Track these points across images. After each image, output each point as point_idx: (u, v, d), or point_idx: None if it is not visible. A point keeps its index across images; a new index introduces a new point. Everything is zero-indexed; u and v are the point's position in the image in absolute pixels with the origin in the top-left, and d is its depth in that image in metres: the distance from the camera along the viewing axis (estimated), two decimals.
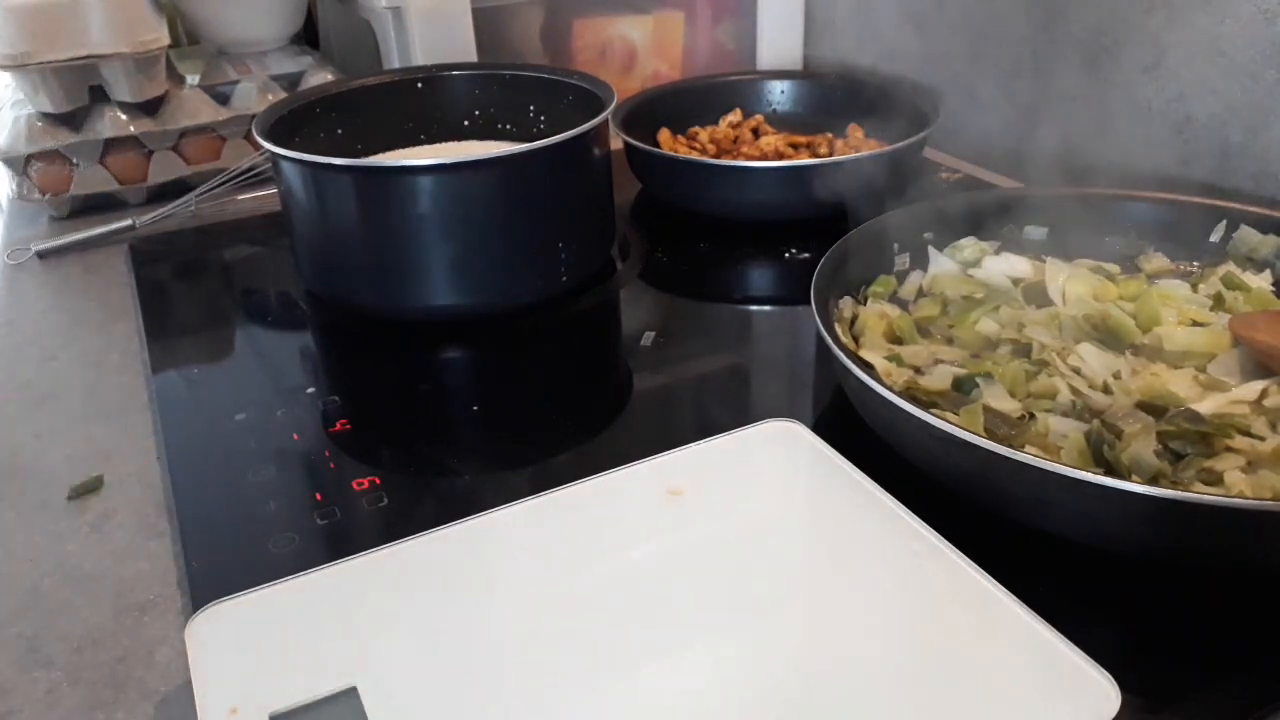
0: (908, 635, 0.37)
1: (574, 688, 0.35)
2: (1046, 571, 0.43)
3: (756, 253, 0.76)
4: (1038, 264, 0.63)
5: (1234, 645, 0.40)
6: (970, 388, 0.51)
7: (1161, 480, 0.44)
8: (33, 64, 0.80)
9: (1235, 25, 0.69)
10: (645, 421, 0.56)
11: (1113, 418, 0.47)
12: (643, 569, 0.40)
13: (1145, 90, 0.76)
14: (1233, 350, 0.53)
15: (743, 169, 0.75)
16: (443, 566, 0.41)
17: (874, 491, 0.43)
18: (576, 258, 0.67)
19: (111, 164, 0.86)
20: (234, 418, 0.57)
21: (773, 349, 0.65)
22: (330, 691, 0.35)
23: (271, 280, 0.75)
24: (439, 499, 0.51)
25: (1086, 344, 0.54)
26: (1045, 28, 0.83)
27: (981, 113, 0.91)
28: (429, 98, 0.79)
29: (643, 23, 1.02)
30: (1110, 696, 0.33)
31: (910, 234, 0.64)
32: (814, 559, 0.41)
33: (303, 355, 0.65)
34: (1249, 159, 0.70)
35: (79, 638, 0.43)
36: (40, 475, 0.54)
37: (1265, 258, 0.60)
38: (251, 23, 0.99)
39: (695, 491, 0.44)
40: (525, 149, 0.61)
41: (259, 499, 0.50)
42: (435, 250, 0.62)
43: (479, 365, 0.64)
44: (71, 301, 0.73)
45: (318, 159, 0.60)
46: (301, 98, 0.73)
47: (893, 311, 0.59)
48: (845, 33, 1.05)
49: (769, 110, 0.94)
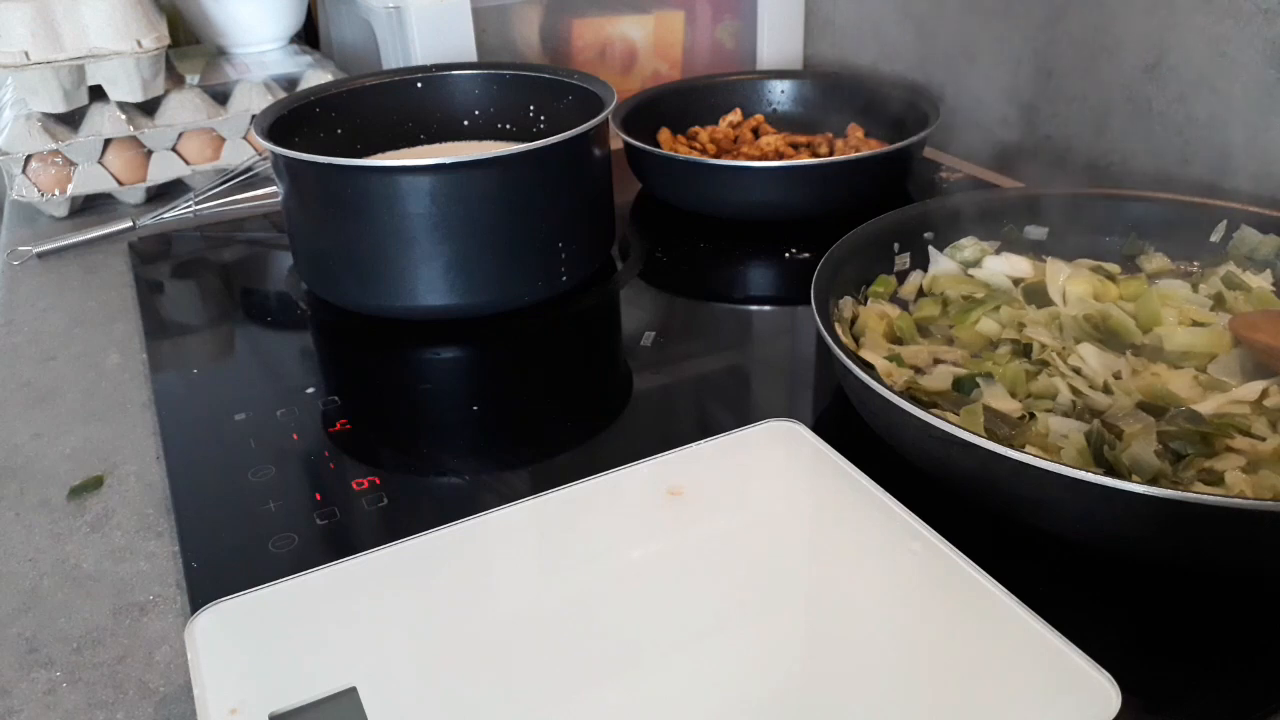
0: (908, 635, 0.37)
1: (573, 687, 0.35)
2: (1046, 571, 0.43)
3: (756, 253, 0.76)
4: (1038, 264, 0.63)
5: (1234, 645, 0.40)
6: (970, 388, 0.51)
7: (1162, 480, 0.44)
8: (32, 64, 0.80)
9: (1235, 25, 0.69)
10: (645, 421, 0.56)
11: (1113, 418, 0.47)
12: (643, 569, 0.40)
13: (1145, 90, 0.76)
14: (1233, 350, 0.53)
15: (743, 169, 0.75)
16: (443, 566, 0.41)
17: (874, 491, 0.43)
18: (576, 258, 0.67)
19: (111, 164, 0.86)
20: (234, 418, 0.57)
21: (773, 349, 0.65)
22: (330, 691, 0.35)
23: (271, 280, 0.75)
24: (439, 499, 0.51)
25: (1087, 344, 0.54)
26: (1045, 27, 0.83)
27: (981, 113, 0.91)
28: (429, 98, 0.79)
29: (643, 23, 1.02)
30: (1110, 696, 0.33)
31: (910, 234, 0.64)
32: (814, 559, 0.41)
33: (303, 355, 0.65)
34: (1249, 159, 0.70)
35: (79, 638, 0.43)
36: (40, 475, 0.54)
37: (1265, 258, 0.60)
38: (251, 23, 0.99)
39: (695, 491, 0.44)
40: (525, 149, 0.61)
41: (259, 499, 0.50)
42: (435, 250, 0.62)
43: (479, 365, 0.64)
44: (71, 301, 0.73)
45: (318, 159, 0.60)
46: (301, 98, 0.73)
47: (893, 311, 0.59)
48: (845, 33, 1.05)
49: (769, 110, 0.94)
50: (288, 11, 1.01)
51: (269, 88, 0.90)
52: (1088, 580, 0.43)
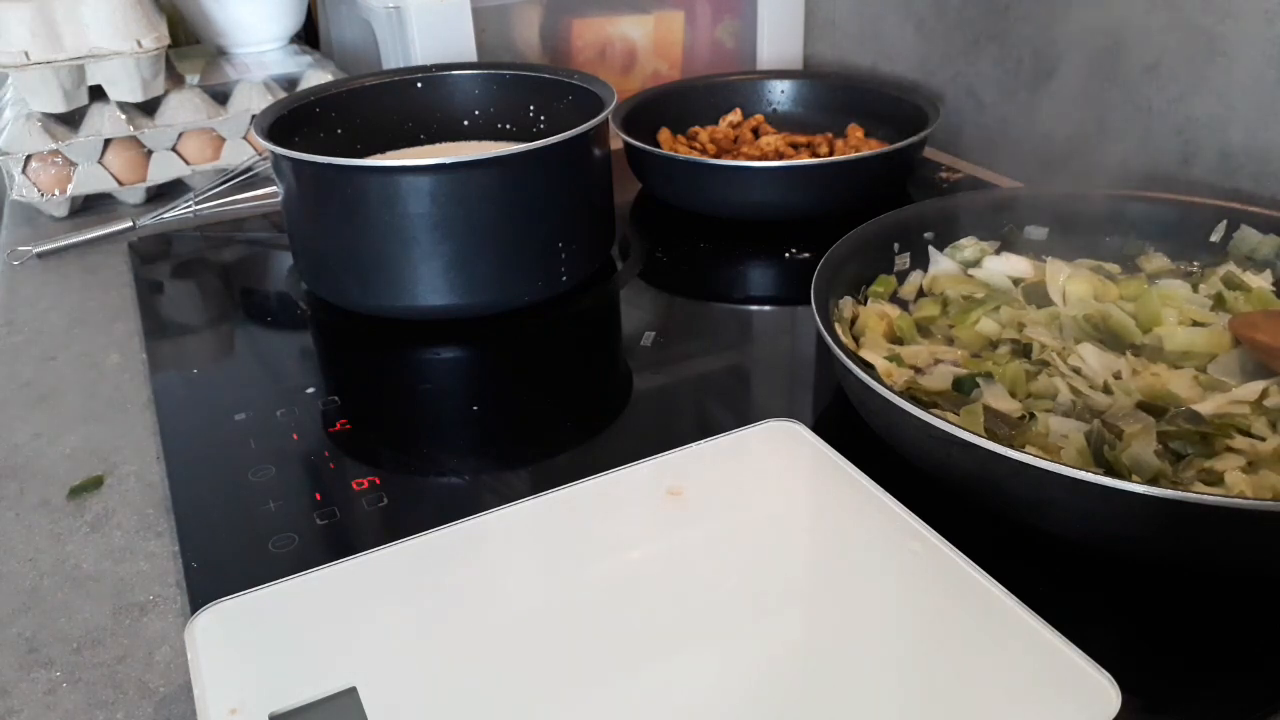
0: (908, 635, 0.37)
1: (573, 688, 0.35)
2: (1047, 572, 0.43)
3: (756, 253, 0.76)
4: (1038, 264, 0.63)
5: (1234, 645, 0.40)
6: (970, 388, 0.51)
7: (1162, 480, 0.44)
8: (32, 64, 0.80)
9: (1235, 25, 0.69)
10: (645, 421, 0.56)
11: (1113, 418, 0.47)
12: (642, 569, 0.40)
13: (1145, 90, 0.76)
14: (1233, 350, 0.53)
15: (743, 169, 0.75)
16: (443, 566, 0.41)
17: (874, 491, 0.43)
18: (576, 258, 0.67)
19: (111, 164, 0.86)
20: (234, 418, 0.57)
21: (773, 349, 0.65)
22: (330, 691, 0.35)
23: (271, 280, 0.75)
24: (439, 499, 0.51)
25: (1087, 344, 0.54)
26: (1045, 28, 0.83)
27: (981, 113, 0.91)
28: (429, 98, 0.79)
29: (643, 23, 1.02)
30: (1110, 696, 0.33)
31: (910, 234, 0.64)
32: (814, 559, 0.41)
33: (303, 355, 0.65)
34: (1249, 159, 0.70)
35: (79, 638, 0.43)
36: (40, 475, 0.54)
37: (1265, 258, 0.60)
38: (251, 23, 0.99)
39: (695, 491, 0.44)
40: (525, 149, 0.61)
41: (259, 499, 0.50)
42: (435, 250, 0.62)
43: (479, 365, 0.64)
44: (71, 301, 0.73)
45: (318, 159, 0.60)
46: (301, 98, 0.73)
47: (893, 311, 0.59)
48: (845, 33, 1.05)
49: (769, 110, 0.94)
50: (288, 11, 1.01)
51: (269, 88, 0.90)
52: (1088, 580, 0.43)
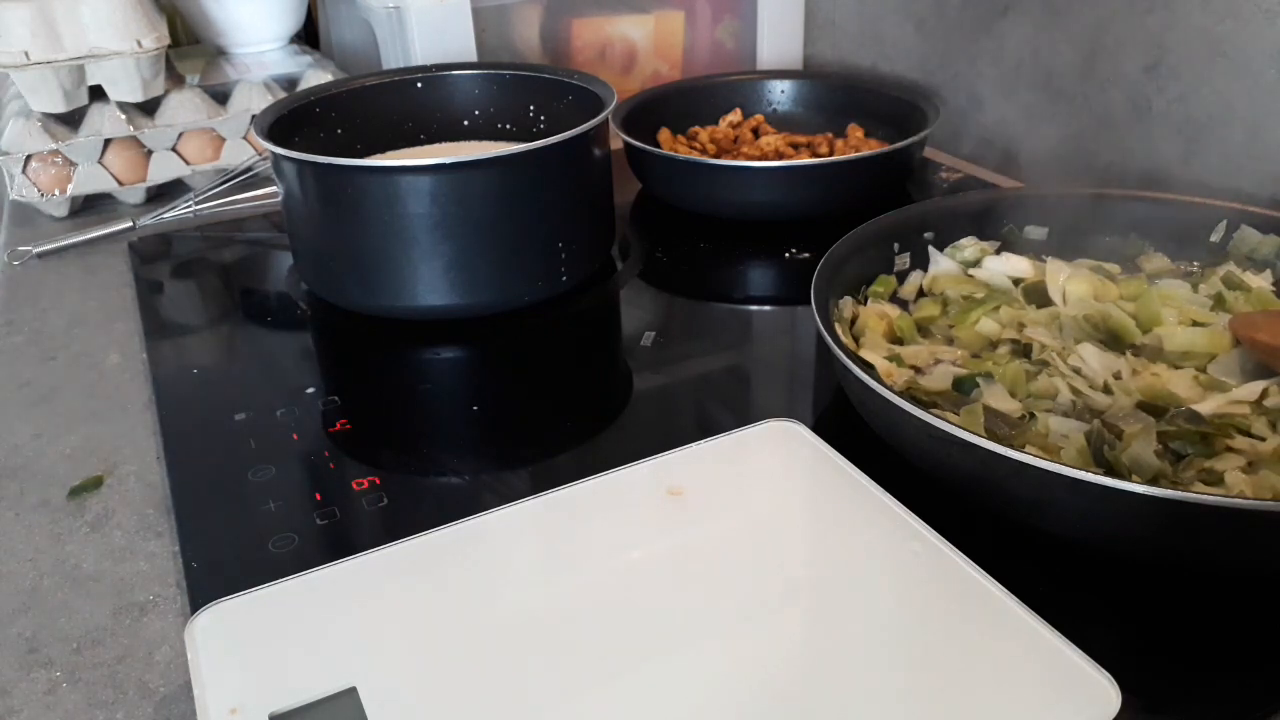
0: (908, 635, 0.37)
1: (573, 687, 0.35)
2: (1047, 572, 0.43)
3: (756, 253, 0.76)
4: (1038, 264, 0.63)
5: (1234, 645, 0.40)
6: (970, 388, 0.51)
7: (1162, 480, 0.44)
8: (32, 64, 0.80)
9: (1235, 25, 0.69)
10: (645, 421, 0.56)
11: (1113, 418, 0.47)
12: (643, 569, 0.40)
13: (1145, 90, 0.76)
14: (1233, 350, 0.53)
15: (743, 169, 0.75)
16: (443, 566, 0.41)
17: (874, 491, 0.43)
18: (576, 258, 0.67)
19: (111, 164, 0.86)
20: (234, 418, 0.57)
21: (773, 349, 0.65)
22: (330, 691, 0.35)
23: (271, 280, 0.75)
24: (439, 499, 0.51)
25: (1087, 344, 0.54)
26: (1045, 28, 0.83)
27: (981, 113, 0.91)
28: (429, 98, 0.79)
29: (643, 23, 1.02)
30: (1110, 696, 0.33)
31: (910, 234, 0.64)
32: (814, 559, 0.41)
33: (303, 355, 0.65)
34: (1249, 159, 0.70)
35: (79, 638, 0.43)
36: (40, 475, 0.54)
37: (1265, 258, 0.60)
38: (251, 23, 0.99)
39: (695, 491, 0.44)
40: (525, 149, 0.61)
41: (259, 499, 0.50)
42: (435, 250, 0.62)
43: (479, 365, 0.64)
44: (71, 301, 0.73)
45: (318, 159, 0.60)
46: (301, 97, 0.73)
47: (893, 311, 0.59)
48: (845, 33, 1.05)
49: (769, 110, 0.94)
50: (288, 11, 1.01)
51: (269, 88, 0.90)
52: (1088, 580, 0.43)
